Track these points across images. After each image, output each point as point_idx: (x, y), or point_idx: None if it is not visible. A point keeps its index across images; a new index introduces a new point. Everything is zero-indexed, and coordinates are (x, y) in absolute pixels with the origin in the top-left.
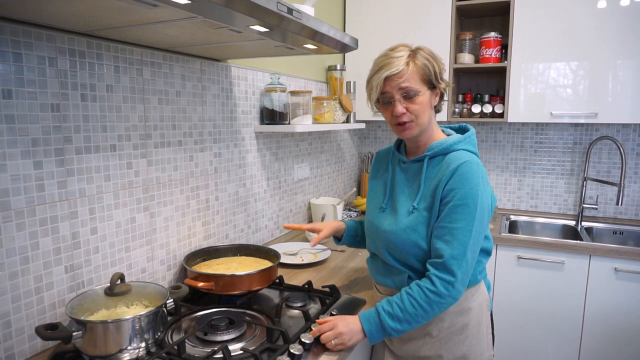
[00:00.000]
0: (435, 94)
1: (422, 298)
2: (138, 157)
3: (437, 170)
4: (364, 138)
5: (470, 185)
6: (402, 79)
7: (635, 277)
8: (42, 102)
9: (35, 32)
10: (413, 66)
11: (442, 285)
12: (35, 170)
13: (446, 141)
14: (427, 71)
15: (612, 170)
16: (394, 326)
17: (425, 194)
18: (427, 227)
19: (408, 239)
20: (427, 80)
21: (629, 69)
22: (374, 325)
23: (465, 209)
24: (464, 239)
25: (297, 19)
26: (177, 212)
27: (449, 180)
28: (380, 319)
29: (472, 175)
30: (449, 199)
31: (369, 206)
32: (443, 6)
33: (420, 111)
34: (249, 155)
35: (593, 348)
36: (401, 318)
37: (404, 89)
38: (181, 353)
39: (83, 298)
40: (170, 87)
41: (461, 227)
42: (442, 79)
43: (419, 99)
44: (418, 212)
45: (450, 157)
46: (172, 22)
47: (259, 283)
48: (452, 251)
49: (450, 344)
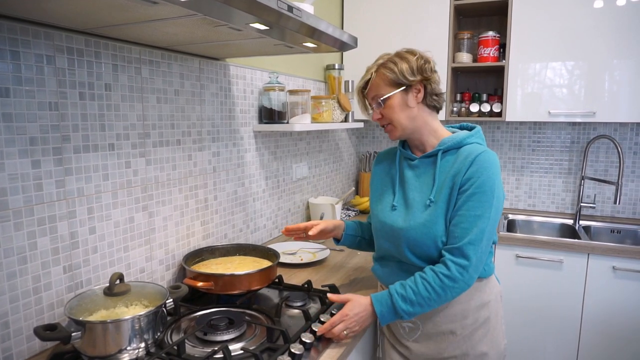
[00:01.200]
0: (416, 91)
1: (437, 282)
2: (137, 156)
3: (452, 163)
4: (362, 137)
5: (488, 174)
6: (369, 89)
7: (633, 275)
8: (40, 101)
9: (33, 30)
10: (375, 76)
11: (457, 270)
12: (33, 169)
13: (458, 136)
14: (392, 74)
15: (610, 169)
16: (406, 309)
17: (442, 187)
18: (446, 218)
19: (429, 233)
20: (393, 82)
21: (626, 69)
22: (385, 307)
23: (483, 196)
24: (482, 225)
25: (296, 17)
26: (175, 211)
27: (468, 169)
28: (393, 300)
29: (490, 164)
30: (466, 187)
31: (377, 207)
32: (441, 5)
33: (391, 114)
34: (247, 155)
35: (591, 346)
36: (414, 301)
37: (373, 97)
38: (181, 353)
39: (82, 298)
40: (168, 86)
41: (479, 215)
42: (416, 73)
43: (388, 103)
44: (435, 204)
45: (466, 149)
46: (172, 19)
47: (258, 282)
48: (469, 237)
49: (473, 340)
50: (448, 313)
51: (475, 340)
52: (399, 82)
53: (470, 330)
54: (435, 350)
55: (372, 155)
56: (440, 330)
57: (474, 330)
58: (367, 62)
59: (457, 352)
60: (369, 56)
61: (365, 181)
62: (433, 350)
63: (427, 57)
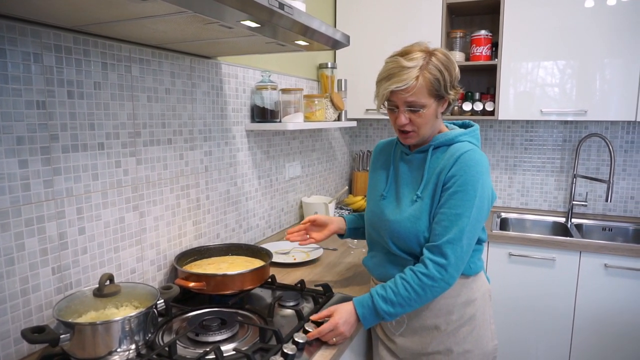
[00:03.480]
0: (443, 103)
1: (416, 282)
2: (127, 155)
3: (440, 159)
4: (355, 136)
5: (471, 173)
6: (409, 94)
7: (624, 272)
8: (27, 99)
9: (19, 27)
10: (422, 80)
11: (435, 268)
12: (20, 169)
13: (451, 133)
14: (437, 84)
15: (601, 167)
16: (387, 309)
17: (429, 183)
18: (430, 214)
19: (412, 228)
20: (435, 93)
21: (617, 68)
22: (367, 309)
23: (465, 195)
24: (461, 224)
25: (288, 14)
26: (167, 211)
27: (452, 168)
28: (374, 302)
29: (474, 163)
30: (449, 185)
31: (370, 196)
32: (434, 4)
33: (423, 123)
34: (239, 154)
35: (584, 343)
36: (394, 302)
37: (409, 103)
38: (172, 354)
39: (71, 300)
40: (159, 85)
41: (459, 213)
42: (453, 87)
43: (424, 113)
44: (421, 200)
45: (454, 146)
46: (162, 16)
47: (251, 282)
48: (448, 235)
49: (458, 336)
50: (433, 308)
51: (459, 337)
52: (438, 93)
53: (454, 327)
54: (420, 344)
55: (365, 154)
56: (425, 324)
57: (458, 327)
58: (360, 60)
59: (441, 348)
60: (362, 55)
61: (359, 180)
62: (418, 344)
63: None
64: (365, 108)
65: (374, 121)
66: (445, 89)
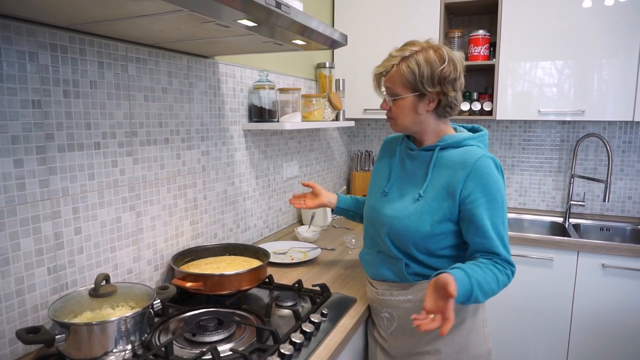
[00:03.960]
0: (429, 100)
1: (501, 277)
2: (123, 155)
3: (448, 162)
4: (353, 136)
5: (491, 178)
6: (385, 79)
7: (622, 272)
8: (22, 98)
9: (14, 26)
10: (397, 70)
11: (510, 271)
12: (15, 168)
13: (458, 135)
14: (411, 77)
15: (599, 167)
16: (479, 297)
17: (435, 184)
18: (432, 216)
19: (411, 226)
20: (409, 86)
21: (614, 68)
22: (464, 289)
23: (494, 203)
24: (502, 232)
25: (285, 14)
26: (164, 211)
27: (469, 176)
28: (472, 288)
29: (490, 168)
30: (475, 197)
31: (371, 191)
32: (432, 4)
33: (398, 113)
34: (237, 154)
35: (581, 342)
36: (486, 292)
37: (387, 89)
38: (169, 355)
39: (66, 300)
40: (156, 84)
41: (496, 223)
42: (433, 85)
43: (399, 102)
44: (424, 200)
45: (465, 151)
46: (158, 15)
47: (248, 282)
48: (501, 247)
49: (447, 337)
50: (421, 307)
51: (447, 338)
52: (415, 87)
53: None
54: (410, 344)
55: (363, 154)
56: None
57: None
58: (358, 60)
59: (430, 348)
60: (360, 54)
61: (357, 180)
62: (408, 343)
63: (457, 63)
64: (364, 108)
65: (372, 121)
66: (421, 84)
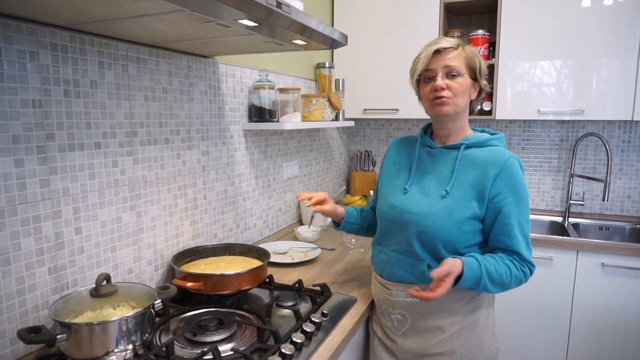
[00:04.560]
0: (475, 88)
1: (515, 272)
2: (124, 155)
3: (475, 160)
4: (352, 136)
5: (519, 178)
6: (450, 57)
7: (621, 271)
8: (23, 98)
9: (15, 25)
10: (462, 51)
11: (527, 267)
12: (16, 168)
13: (482, 136)
14: (473, 62)
15: (598, 166)
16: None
17: (461, 182)
18: (461, 213)
19: (440, 223)
20: (471, 69)
21: (613, 67)
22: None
23: (521, 203)
24: (527, 231)
25: (286, 13)
26: (164, 211)
27: (499, 175)
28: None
29: (518, 169)
30: (505, 195)
31: (386, 189)
32: (431, 3)
33: (459, 90)
34: (237, 154)
35: (581, 341)
36: (495, 280)
37: (449, 67)
38: (170, 355)
39: (67, 300)
40: (156, 84)
41: (522, 222)
42: (483, 76)
43: (461, 80)
44: (451, 197)
45: (492, 151)
46: (158, 15)
47: (248, 282)
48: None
49: (461, 338)
50: (438, 309)
51: (462, 339)
52: (473, 72)
53: (458, 329)
54: (422, 345)
55: (362, 153)
56: (429, 325)
57: (461, 329)
58: (357, 60)
59: (444, 349)
60: (360, 54)
61: (357, 180)
62: (420, 345)
63: None
64: (363, 108)
65: (372, 121)
66: (479, 71)
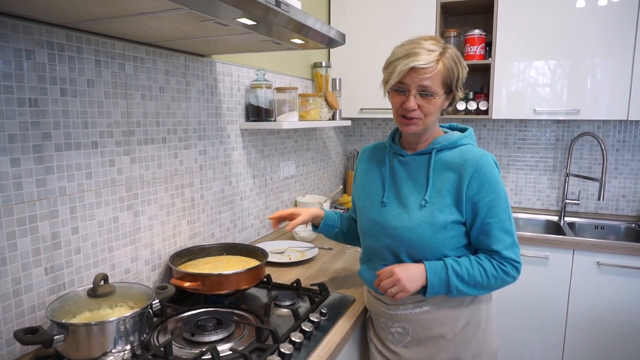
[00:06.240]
0: (448, 99)
1: (492, 272)
2: (121, 154)
3: (448, 164)
4: (349, 136)
5: (494, 177)
6: (427, 76)
7: (616, 270)
8: (19, 97)
9: (10, 23)
10: (441, 66)
11: (512, 265)
12: (12, 167)
13: (452, 136)
14: (451, 76)
15: (594, 166)
16: (458, 286)
17: (437, 187)
18: (443, 219)
19: (425, 234)
20: (447, 84)
21: (607, 68)
22: (437, 277)
23: (498, 201)
24: (509, 227)
25: (284, 12)
26: (161, 210)
27: (473, 176)
28: (448, 274)
29: (492, 167)
30: (482, 195)
31: (363, 203)
32: (427, 3)
33: (430, 110)
34: (234, 153)
35: (577, 340)
36: (467, 281)
37: (423, 87)
38: (168, 355)
39: (64, 300)
40: (153, 83)
41: (502, 219)
42: (461, 86)
43: (434, 101)
44: (431, 205)
45: (463, 151)
46: (156, 13)
47: (246, 282)
48: (505, 244)
49: (465, 342)
50: (439, 316)
51: (466, 342)
52: (448, 87)
53: (461, 333)
54: (426, 355)
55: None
56: (431, 334)
57: (465, 333)
58: (354, 60)
59: (450, 356)
60: (356, 54)
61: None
62: (423, 355)
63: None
64: (360, 107)
65: (368, 120)
66: (456, 83)
